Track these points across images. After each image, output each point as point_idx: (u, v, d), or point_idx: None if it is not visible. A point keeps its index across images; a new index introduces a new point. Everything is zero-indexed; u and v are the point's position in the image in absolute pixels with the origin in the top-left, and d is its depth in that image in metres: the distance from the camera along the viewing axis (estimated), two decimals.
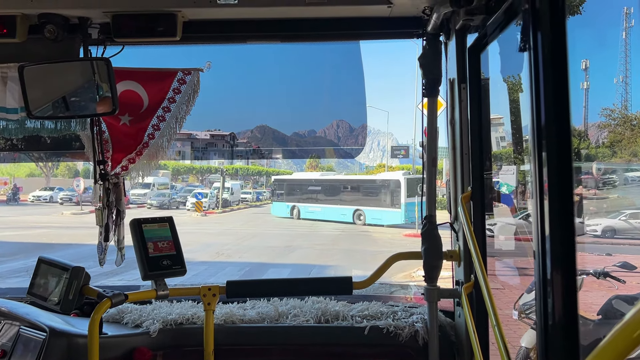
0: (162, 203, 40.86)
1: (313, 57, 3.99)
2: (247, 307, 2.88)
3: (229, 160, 70.82)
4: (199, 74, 2.97)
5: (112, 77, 2.36)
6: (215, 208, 40.34)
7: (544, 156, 1.50)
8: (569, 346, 1.48)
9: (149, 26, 2.47)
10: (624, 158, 15.02)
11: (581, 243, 9.55)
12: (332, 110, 5.54)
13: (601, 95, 22.71)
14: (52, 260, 2.43)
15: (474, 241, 2.23)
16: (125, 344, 2.55)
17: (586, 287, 5.03)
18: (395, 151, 49.43)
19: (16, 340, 2.43)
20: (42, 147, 3.10)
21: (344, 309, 2.80)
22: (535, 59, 1.55)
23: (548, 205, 1.48)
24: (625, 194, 14.37)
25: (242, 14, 2.60)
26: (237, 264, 15.89)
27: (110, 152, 2.94)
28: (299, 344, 2.70)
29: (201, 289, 2.51)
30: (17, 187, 45.15)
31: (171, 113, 2.95)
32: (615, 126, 15.55)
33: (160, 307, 2.81)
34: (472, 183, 2.47)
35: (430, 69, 2.52)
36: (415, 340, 2.62)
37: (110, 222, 2.87)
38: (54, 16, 2.47)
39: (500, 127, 7.30)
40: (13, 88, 2.73)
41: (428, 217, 2.60)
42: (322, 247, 19.77)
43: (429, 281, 2.57)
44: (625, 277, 4.88)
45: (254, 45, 2.95)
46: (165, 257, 2.41)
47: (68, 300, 2.30)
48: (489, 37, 2.23)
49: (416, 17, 2.61)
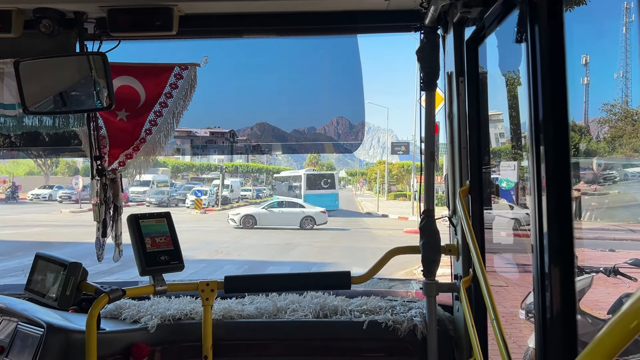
0: (161, 201, 40.93)
1: (311, 54, 3.98)
2: (246, 302, 2.88)
3: (228, 158, 70.71)
4: (196, 69, 2.96)
5: (108, 72, 2.35)
6: (215, 205, 40.36)
7: (541, 151, 1.50)
8: (567, 340, 1.48)
9: (145, 20, 2.46)
10: (625, 153, 15.02)
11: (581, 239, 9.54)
12: (331, 107, 5.56)
13: (601, 90, 22.69)
14: (49, 257, 2.43)
15: (472, 235, 2.22)
16: (124, 340, 2.54)
17: (594, 284, 4.97)
18: (396, 147, 49.53)
19: (14, 336, 2.43)
20: (40, 144, 3.09)
21: (343, 303, 2.80)
22: (532, 52, 1.54)
23: (546, 201, 1.48)
24: (626, 189, 14.37)
25: (239, 7, 2.59)
26: (236, 261, 15.90)
27: (107, 147, 2.93)
28: (298, 339, 2.70)
29: (199, 284, 2.51)
30: (16, 185, 45.15)
31: (168, 108, 2.94)
32: (616, 121, 15.54)
33: (159, 302, 2.81)
34: (470, 177, 2.47)
35: (427, 62, 2.51)
36: (413, 334, 2.62)
37: (107, 217, 2.86)
38: (50, 11, 2.46)
39: (500, 123, 7.29)
40: (10, 84, 2.72)
41: (426, 211, 2.60)
42: (321, 245, 19.78)
43: (428, 275, 2.57)
44: (637, 274, 4.82)
45: (253, 43, 2.95)
46: (163, 253, 2.40)
47: (66, 296, 2.29)
48: (487, 30, 2.22)
49: (413, 10, 2.60)
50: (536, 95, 1.52)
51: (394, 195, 57.59)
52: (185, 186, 52.00)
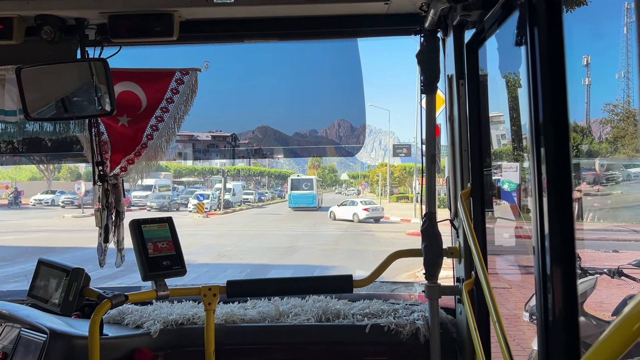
0: (162, 205, 40.95)
1: (312, 57, 3.99)
2: (248, 306, 2.88)
3: (230, 161, 71.03)
4: (197, 74, 2.97)
5: (109, 78, 2.36)
6: (217, 209, 40.38)
7: (542, 152, 1.50)
8: (569, 342, 1.48)
9: (146, 26, 2.46)
10: (628, 154, 14.98)
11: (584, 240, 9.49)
12: (332, 109, 5.56)
13: (603, 91, 22.65)
14: (52, 262, 2.43)
15: (474, 238, 2.22)
16: (126, 345, 2.54)
17: (597, 286, 4.94)
18: (397, 150, 49.52)
19: (17, 343, 2.43)
20: (42, 150, 3.10)
21: (345, 307, 2.79)
22: (532, 54, 1.54)
23: (547, 202, 1.48)
24: (629, 190, 14.32)
25: (239, 12, 2.60)
26: (238, 265, 15.87)
27: (109, 153, 2.94)
28: (300, 343, 2.69)
29: (201, 289, 2.51)
30: (18, 191, 45.24)
31: (169, 113, 2.94)
32: (618, 122, 15.51)
33: (161, 307, 2.81)
34: (471, 179, 2.47)
35: (428, 65, 2.51)
36: (416, 337, 2.62)
37: (110, 223, 2.87)
38: (51, 17, 2.47)
39: (501, 125, 7.28)
40: (11, 90, 2.73)
41: (428, 214, 2.59)
42: (324, 248, 19.76)
43: (430, 278, 2.57)
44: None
45: (254, 47, 2.95)
46: (165, 258, 2.40)
47: (68, 302, 2.30)
48: (487, 33, 2.23)
49: (413, 14, 2.61)
50: (536, 97, 1.52)
51: (396, 197, 57.58)
52: (187, 190, 52.05)
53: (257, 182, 75.96)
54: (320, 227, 28.76)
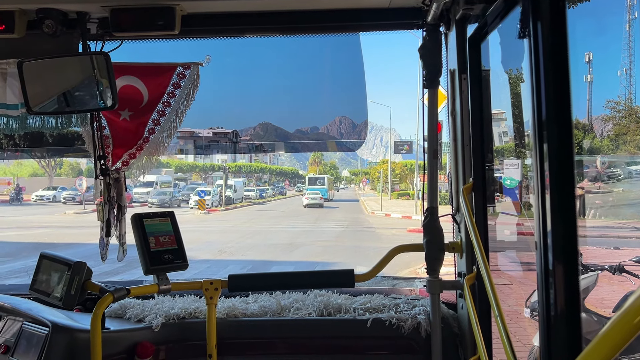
0: (163, 201, 40.96)
1: (314, 53, 3.98)
2: (250, 300, 2.88)
3: (231, 158, 71.35)
4: (199, 69, 2.96)
5: (111, 72, 2.36)
6: (218, 206, 40.42)
7: (545, 148, 1.49)
8: (571, 338, 1.48)
9: (148, 20, 2.46)
10: (629, 151, 14.96)
11: (586, 237, 9.49)
12: (334, 106, 5.54)
13: (605, 88, 22.60)
14: (54, 256, 2.44)
15: (476, 232, 2.22)
16: (128, 339, 2.55)
17: (599, 282, 4.94)
18: (399, 147, 49.57)
19: (19, 336, 2.44)
20: (44, 145, 3.10)
21: (347, 302, 2.80)
22: (535, 48, 1.53)
23: (550, 199, 1.47)
24: (630, 187, 14.31)
25: (240, 6, 2.59)
26: (239, 261, 15.89)
27: (110, 147, 2.94)
28: (302, 337, 2.70)
29: (203, 283, 2.51)
30: (19, 187, 45.31)
31: (171, 108, 2.94)
32: (620, 118, 15.47)
33: (163, 301, 2.81)
34: (473, 174, 2.46)
35: (430, 60, 2.50)
36: (418, 332, 2.62)
37: (111, 217, 2.87)
38: (52, 11, 2.47)
39: (503, 122, 7.27)
40: (13, 84, 2.73)
41: (430, 209, 2.59)
42: (325, 244, 19.77)
43: (431, 273, 2.57)
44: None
45: (255, 43, 2.94)
46: (166, 252, 2.41)
47: (70, 296, 2.30)
48: (489, 27, 2.22)
49: (415, 8, 2.60)
50: (539, 92, 1.51)
51: (397, 194, 57.57)
52: (189, 187, 52.10)
53: (259, 179, 75.98)
54: (321, 224, 28.78)
